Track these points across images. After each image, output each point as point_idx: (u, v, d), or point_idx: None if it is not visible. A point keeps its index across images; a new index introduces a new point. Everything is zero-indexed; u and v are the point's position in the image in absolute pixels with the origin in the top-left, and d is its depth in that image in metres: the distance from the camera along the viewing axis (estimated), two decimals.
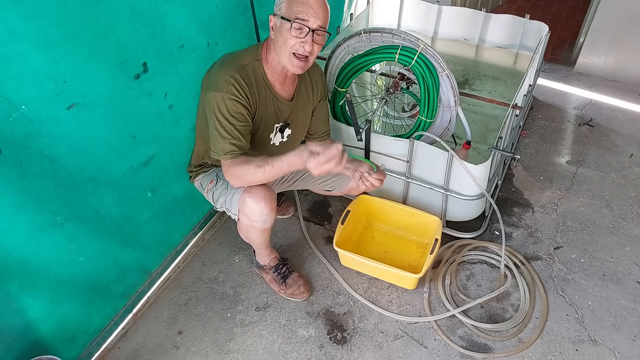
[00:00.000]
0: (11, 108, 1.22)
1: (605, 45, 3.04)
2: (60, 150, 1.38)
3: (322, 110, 1.83)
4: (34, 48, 1.21)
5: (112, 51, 1.41)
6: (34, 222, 1.37)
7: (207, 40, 1.75)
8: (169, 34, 1.58)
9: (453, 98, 1.92)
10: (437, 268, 2.03)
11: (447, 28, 2.76)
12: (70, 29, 1.27)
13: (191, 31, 1.67)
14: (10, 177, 1.27)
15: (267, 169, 1.49)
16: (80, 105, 1.38)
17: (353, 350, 1.78)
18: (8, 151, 1.24)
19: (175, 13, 1.57)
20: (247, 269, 2.07)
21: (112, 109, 1.49)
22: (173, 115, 1.75)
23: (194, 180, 1.84)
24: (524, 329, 1.80)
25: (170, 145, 1.80)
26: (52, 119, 1.32)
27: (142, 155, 1.69)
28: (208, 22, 1.73)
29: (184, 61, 1.69)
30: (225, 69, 1.51)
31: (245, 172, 1.51)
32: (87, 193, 1.52)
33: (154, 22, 1.51)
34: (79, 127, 1.41)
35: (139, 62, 1.51)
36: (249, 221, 1.65)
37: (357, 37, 1.99)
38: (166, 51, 1.60)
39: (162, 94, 1.66)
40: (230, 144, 1.50)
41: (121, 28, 1.41)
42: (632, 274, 1.98)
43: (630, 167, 2.49)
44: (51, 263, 1.47)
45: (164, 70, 1.62)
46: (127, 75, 1.49)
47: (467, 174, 1.85)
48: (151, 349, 1.80)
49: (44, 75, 1.26)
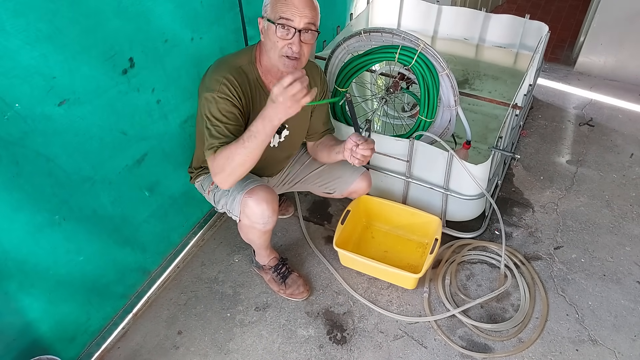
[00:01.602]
0: (5, 106, 1.21)
1: (605, 45, 3.04)
2: (55, 149, 1.38)
3: (321, 110, 1.82)
4: (23, 44, 1.20)
5: (100, 46, 1.41)
6: (32, 221, 1.37)
7: (192, 35, 1.75)
8: (153, 28, 1.58)
9: (453, 98, 1.92)
10: (437, 268, 2.03)
11: (447, 28, 2.75)
12: (59, 24, 1.27)
13: (175, 26, 1.66)
14: (7, 176, 1.27)
15: (245, 139, 1.39)
16: (70, 102, 1.38)
17: (353, 350, 1.77)
18: (4, 150, 1.24)
19: (159, 8, 1.57)
20: (246, 268, 2.07)
21: (102, 105, 1.49)
22: (161, 111, 1.74)
23: (194, 181, 1.83)
24: (524, 329, 1.80)
25: (161, 141, 1.79)
26: (45, 116, 1.32)
27: (135, 152, 1.68)
28: (193, 17, 1.73)
29: (168, 55, 1.68)
30: (219, 71, 1.50)
31: (228, 156, 1.42)
32: (84, 192, 1.51)
33: (138, 17, 1.51)
34: (71, 124, 1.41)
35: (126, 57, 1.51)
36: (250, 222, 1.64)
37: (357, 37, 1.98)
38: (151, 46, 1.59)
39: (149, 89, 1.65)
40: (221, 143, 1.46)
41: (107, 23, 1.41)
42: (633, 274, 1.97)
43: (631, 166, 2.49)
44: (50, 263, 1.47)
45: (150, 65, 1.62)
46: (115, 71, 1.49)
47: (467, 173, 1.85)
48: (151, 349, 1.80)
49: (33, 71, 1.25)
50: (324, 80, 1.80)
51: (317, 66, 1.77)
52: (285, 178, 1.97)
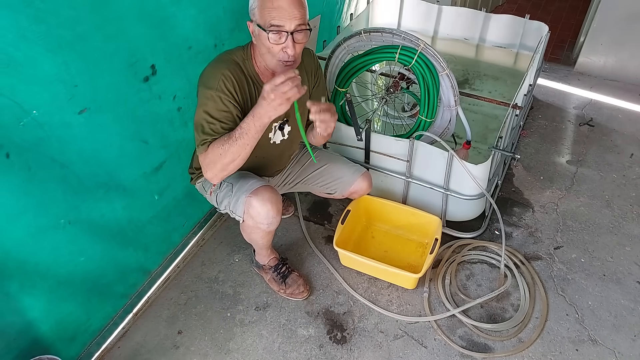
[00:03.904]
0: (22, 112, 1.20)
1: (605, 45, 3.04)
2: (71, 156, 1.37)
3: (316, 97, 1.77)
4: (45, 51, 1.19)
5: (122, 53, 1.40)
6: (34, 223, 1.37)
7: (215, 42, 1.74)
8: (176, 35, 1.57)
9: (453, 98, 1.92)
10: (437, 268, 2.03)
11: (447, 28, 2.76)
12: (80, 31, 1.25)
13: (198, 32, 1.66)
14: (16, 181, 1.26)
15: (236, 135, 1.41)
16: (91, 110, 1.36)
17: (353, 350, 1.77)
18: (16, 156, 1.23)
19: (182, 14, 1.56)
20: (246, 268, 2.07)
21: (123, 113, 1.48)
22: (182, 118, 1.74)
23: (195, 182, 1.82)
24: (524, 329, 1.80)
25: (179, 149, 1.79)
26: (63, 123, 1.31)
27: (155, 160, 1.68)
28: (215, 23, 1.72)
29: (192, 62, 1.68)
30: (217, 67, 1.49)
31: (220, 152, 1.43)
32: (97, 198, 1.51)
33: (162, 24, 1.49)
34: (90, 132, 1.40)
35: (148, 64, 1.50)
36: (254, 223, 1.63)
37: (357, 37, 1.98)
38: (174, 53, 1.58)
39: (170, 96, 1.65)
40: (213, 139, 1.46)
41: (130, 30, 1.39)
42: (632, 274, 1.98)
43: (631, 166, 2.49)
44: (51, 263, 1.47)
45: (172, 72, 1.61)
46: (137, 78, 1.48)
47: (467, 173, 1.85)
48: (151, 349, 1.80)
49: (55, 79, 1.24)
50: (318, 64, 1.76)
51: (308, 51, 1.71)
52: (286, 178, 1.97)
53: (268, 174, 1.88)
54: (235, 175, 1.68)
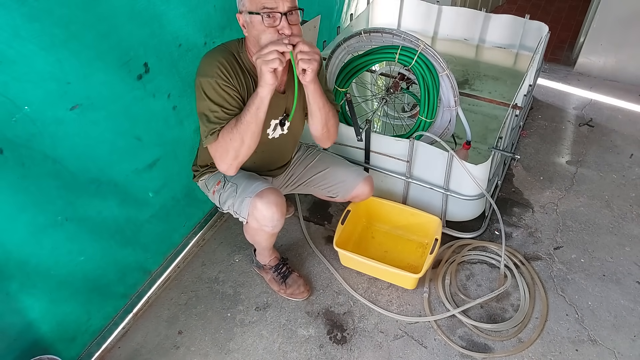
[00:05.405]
0: (14, 109, 1.21)
1: (605, 45, 3.04)
2: (63, 151, 1.38)
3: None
4: (38, 49, 1.20)
5: (115, 51, 1.41)
6: (34, 222, 1.37)
7: (204, 39, 1.75)
8: (167, 33, 1.58)
9: (453, 98, 1.92)
10: (437, 268, 2.03)
11: (447, 28, 2.76)
12: (74, 29, 1.26)
13: (188, 30, 1.66)
14: (12, 177, 1.27)
15: (242, 116, 1.43)
16: (84, 107, 1.37)
17: (353, 350, 1.78)
18: (10, 152, 1.24)
19: (172, 12, 1.57)
20: (247, 268, 2.07)
21: (117, 111, 1.48)
22: (177, 117, 1.74)
23: (198, 179, 1.81)
24: (523, 329, 1.80)
25: (175, 147, 1.79)
26: (56, 119, 1.32)
27: (148, 157, 1.68)
28: (205, 21, 1.72)
29: (182, 60, 1.68)
30: (212, 55, 1.48)
31: (229, 135, 1.44)
32: (90, 194, 1.52)
33: (152, 21, 1.50)
34: (82, 129, 1.40)
35: (140, 62, 1.51)
36: (258, 225, 1.63)
37: (357, 37, 1.99)
38: (165, 51, 1.59)
39: (165, 94, 1.65)
40: (222, 127, 1.45)
41: (122, 28, 1.40)
42: (632, 274, 1.98)
43: (630, 167, 2.49)
44: (51, 263, 1.47)
45: (165, 70, 1.62)
46: (130, 76, 1.49)
47: (467, 174, 1.85)
48: (151, 349, 1.80)
49: (48, 76, 1.25)
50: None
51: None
52: (289, 180, 1.96)
53: (272, 171, 1.87)
54: (240, 175, 1.68)
